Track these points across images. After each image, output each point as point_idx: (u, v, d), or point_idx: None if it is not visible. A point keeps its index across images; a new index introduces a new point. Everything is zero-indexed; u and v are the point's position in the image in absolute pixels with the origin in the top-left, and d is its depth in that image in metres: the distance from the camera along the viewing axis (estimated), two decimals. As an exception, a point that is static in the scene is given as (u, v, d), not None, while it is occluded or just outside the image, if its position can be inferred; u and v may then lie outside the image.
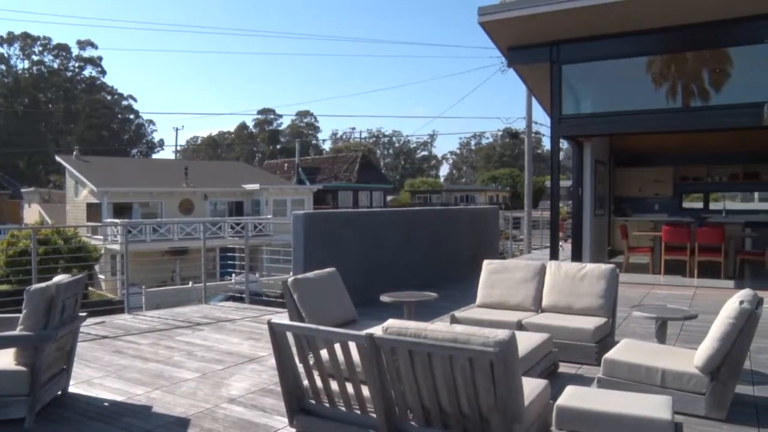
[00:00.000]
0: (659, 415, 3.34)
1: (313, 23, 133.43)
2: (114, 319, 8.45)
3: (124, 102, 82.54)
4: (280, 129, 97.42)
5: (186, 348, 6.56)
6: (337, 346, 3.58)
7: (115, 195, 31.10)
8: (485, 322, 5.65)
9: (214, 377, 5.43)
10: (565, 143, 13.71)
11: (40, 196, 46.42)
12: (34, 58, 75.27)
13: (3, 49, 73.19)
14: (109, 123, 78.92)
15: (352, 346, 3.45)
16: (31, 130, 69.00)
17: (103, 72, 78.95)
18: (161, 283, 24.37)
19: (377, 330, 3.45)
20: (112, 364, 5.92)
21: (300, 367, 3.82)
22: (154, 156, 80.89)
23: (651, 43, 10.57)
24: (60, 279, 4.64)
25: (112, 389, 5.10)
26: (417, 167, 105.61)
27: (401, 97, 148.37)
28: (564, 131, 11.47)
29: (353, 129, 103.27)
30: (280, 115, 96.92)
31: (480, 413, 3.18)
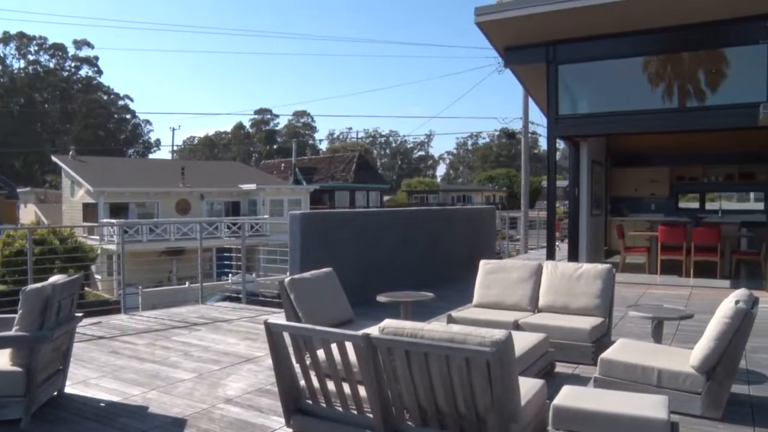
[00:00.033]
0: (655, 414, 3.35)
1: (309, 23, 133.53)
2: (110, 319, 8.44)
3: (121, 102, 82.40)
4: (277, 129, 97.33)
5: (182, 348, 6.55)
6: (333, 346, 3.59)
7: (111, 195, 31.04)
8: (482, 322, 5.66)
9: (211, 377, 5.43)
10: (562, 143, 13.73)
11: (36, 196, 46.29)
12: (30, 57, 75.07)
13: (-1, 49, 73.10)
14: (106, 123, 78.68)
15: (349, 346, 3.45)
16: (27, 130, 68.79)
17: (100, 72, 78.86)
18: (158, 283, 24.31)
19: (374, 330, 3.45)
20: (108, 364, 5.92)
21: (297, 367, 3.82)
22: (151, 156, 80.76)
23: (647, 43, 10.60)
24: (56, 279, 4.63)
25: (108, 390, 5.10)
26: (414, 167, 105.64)
27: (398, 97, 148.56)
28: (561, 131, 11.50)
29: (350, 129, 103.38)
30: (276, 115, 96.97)
31: (477, 413, 3.18)
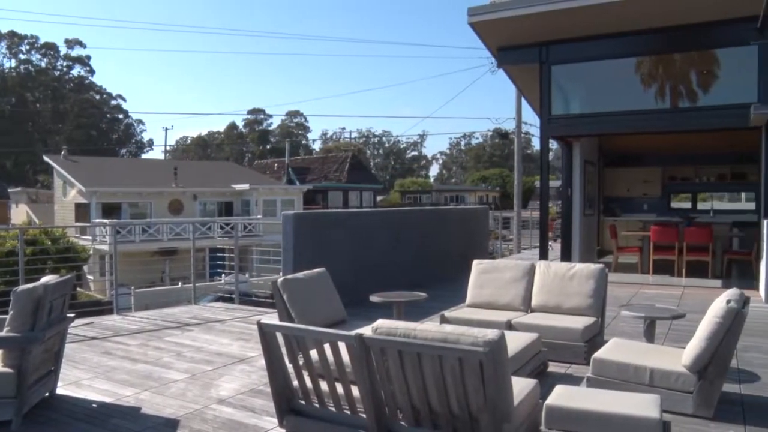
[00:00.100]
0: (647, 413, 3.36)
1: (303, 23, 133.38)
2: (103, 320, 8.40)
3: (113, 102, 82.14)
4: (270, 129, 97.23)
5: (175, 349, 6.53)
6: (326, 347, 3.58)
7: (103, 195, 30.91)
8: (475, 322, 5.67)
9: (204, 378, 5.41)
10: (555, 143, 13.77)
11: (28, 196, 46.08)
12: (21, 56, 74.74)
13: (-10, 48, 72.71)
14: (98, 123, 78.40)
15: (342, 346, 3.45)
16: (19, 130, 68.45)
17: (92, 71, 78.65)
18: (150, 283, 24.24)
19: (367, 330, 3.45)
20: (100, 365, 5.89)
21: (290, 367, 3.81)
22: (144, 156, 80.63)
23: (640, 44, 10.65)
24: (48, 280, 4.60)
25: (100, 391, 5.07)
26: (407, 167, 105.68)
27: (391, 97, 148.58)
28: (553, 131, 11.53)
29: (343, 129, 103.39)
30: (269, 115, 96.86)
31: (469, 413, 3.18)
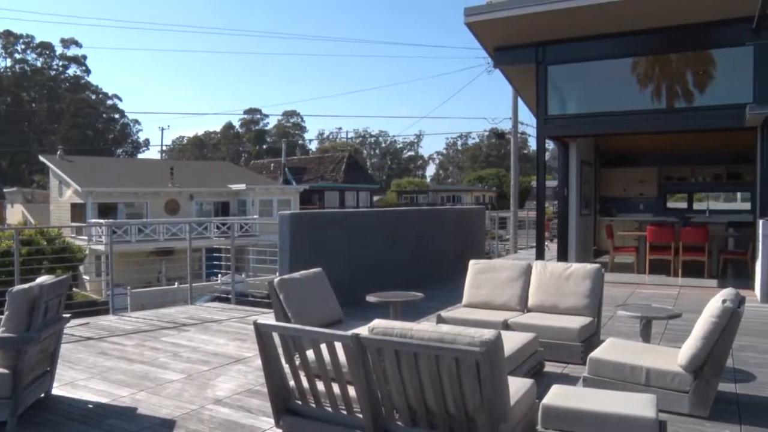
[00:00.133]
0: (644, 413, 3.37)
1: (300, 23, 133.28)
2: (99, 320, 8.38)
3: (109, 101, 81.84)
4: (267, 129, 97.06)
5: (171, 349, 6.52)
6: (323, 347, 3.58)
7: (99, 195, 30.83)
8: (471, 322, 5.67)
9: (200, 378, 5.40)
10: (551, 143, 13.79)
11: (24, 197, 45.91)
12: (16, 56, 74.37)
13: (-15, 48, 72.47)
14: (94, 122, 78.11)
15: (338, 346, 3.44)
16: (14, 130, 68.23)
17: (88, 71, 78.26)
18: (147, 283, 24.18)
19: (363, 330, 3.45)
20: (96, 365, 5.88)
21: (286, 367, 3.81)
22: (140, 156, 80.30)
23: (636, 44, 10.67)
24: (43, 280, 4.59)
25: (96, 391, 5.06)
26: (403, 167, 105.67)
27: (387, 97, 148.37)
28: (550, 131, 11.55)
29: (340, 129, 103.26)
30: (266, 115, 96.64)
31: (466, 413, 3.19)
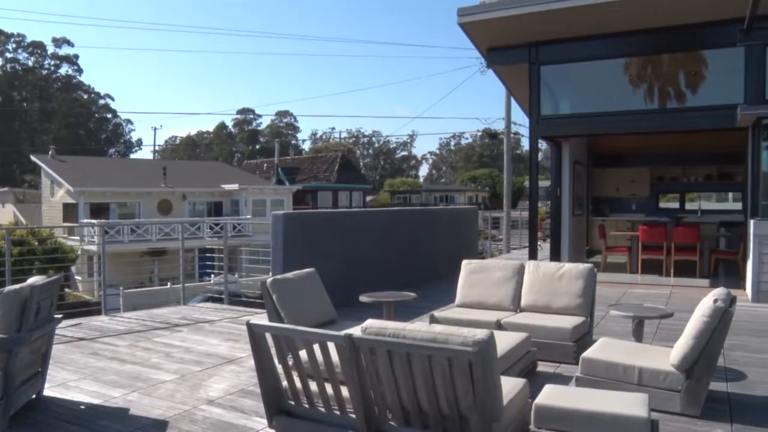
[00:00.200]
0: (636, 412, 3.38)
1: (293, 23, 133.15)
2: (91, 320, 8.35)
3: (101, 101, 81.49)
4: (260, 129, 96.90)
5: (164, 349, 6.50)
6: (316, 347, 3.57)
7: (92, 195, 30.69)
8: (464, 322, 5.68)
9: (193, 379, 5.39)
10: (544, 144, 13.82)
11: (15, 196, 45.58)
12: (7, 55, 73.93)
13: (-24, 47, 71.99)
14: (86, 122, 77.77)
15: (331, 346, 3.44)
16: (6, 129, 67.82)
17: (80, 70, 77.87)
18: (139, 284, 24.13)
19: (356, 330, 3.45)
20: (88, 366, 5.85)
21: (279, 368, 3.80)
22: (132, 156, 79.96)
23: (628, 45, 10.69)
24: (35, 280, 4.57)
25: (88, 392, 5.04)
26: (396, 167, 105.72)
27: (381, 97, 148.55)
28: (542, 131, 11.57)
29: (333, 129, 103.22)
30: (259, 115, 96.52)
31: (459, 412, 3.19)
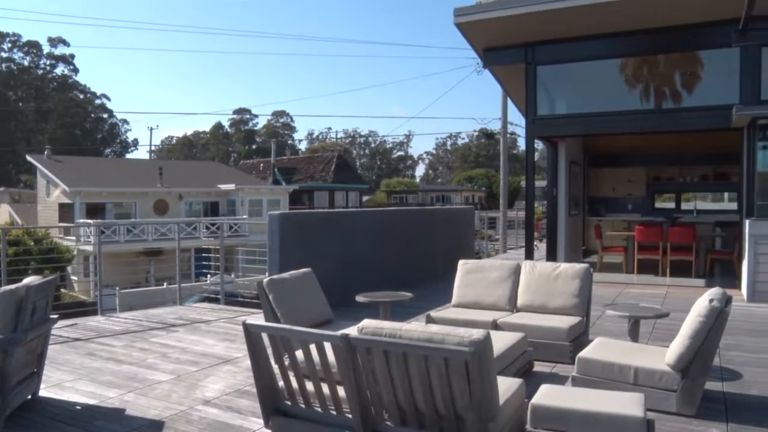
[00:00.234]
0: (632, 412, 3.39)
1: (290, 23, 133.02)
2: (87, 321, 8.33)
3: (98, 101, 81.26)
4: (256, 129, 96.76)
5: (160, 350, 6.49)
6: (312, 347, 3.57)
7: (88, 195, 30.63)
8: (460, 322, 5.68)
9: (189, 379, 5.38)
10: (540, 144, 13.84)
11: (10, 196, 45.45)
12: (3, 55, 73.66)
13: (-29, 47, 71.76)
14: (82, 122, 77.53)
15: (328, 346, 3.44)
16: (1, 129, 67.56)
17: (76, 70, 77.62)
18: (135, 284, 24.05)
19: (352, 330, 3.45)
20: (84, 366, 5.84)
21: (275, 368, 3.80)
22: (128, 156, 79.77)
23: (624, 45, 10.72)
24: (30, 280, 4.56)
25: (84, 392, 5.03)
26: (393, 167, 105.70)
27: (377, 97, 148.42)
28: (539, 132, 11.59)
29: (329, 129, 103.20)
30: (255, 115, 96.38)
31: (455, 412, 3.19)
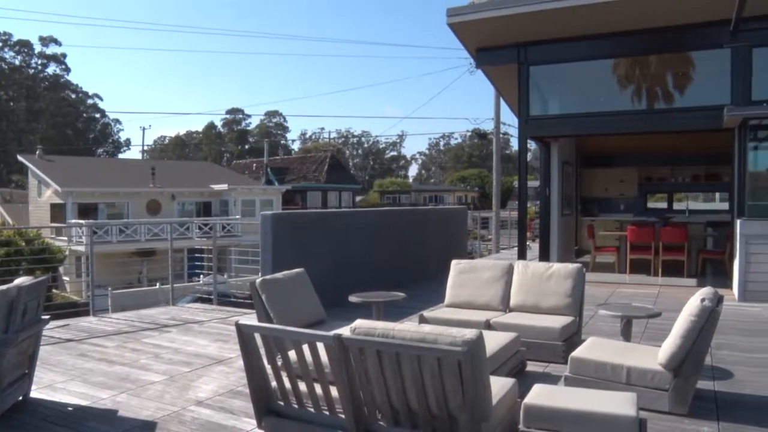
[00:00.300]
0: (624, 411, 3.40)
1: (283, 23, 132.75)
2: (79, 321, 8.30)
3: (90, 101, 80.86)
4: (249, 129, 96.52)
5: (153, 350, 6.47)
6: (305, 347, 3.57)
7: (80, 195, 30.50)
8: (453, 322, 5.69)
9: (182, 380, 5.37)
10: (533, 144, 13.87)
11: (1, 197, 45.23)
12: (-6, 54, 73.38)
13: (-38, 46, 71.27)
14: (74, 122, 77.14)
15: (320, 346, 3.44)
16: (-8, 129, 67.34)
17: (68, 70, 77.21)
18: (128, 284, 23.96)
19: (345, 330, 3.45)
20: (76, 367, 5.82)
21: (268, 368, 3.79)
22: (121, 156, 79.39)
23: (616, 46, 10.75)
24: (22, 281, 4.54)
25: (76, 393, 5.01)
26: (386, 167, 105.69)
27: (370, 97, 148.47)
28: (531, 132, 11.61)
29: (322, 129, 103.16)
30: (248, 115, 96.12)
31: (448, 412, 3.20)
